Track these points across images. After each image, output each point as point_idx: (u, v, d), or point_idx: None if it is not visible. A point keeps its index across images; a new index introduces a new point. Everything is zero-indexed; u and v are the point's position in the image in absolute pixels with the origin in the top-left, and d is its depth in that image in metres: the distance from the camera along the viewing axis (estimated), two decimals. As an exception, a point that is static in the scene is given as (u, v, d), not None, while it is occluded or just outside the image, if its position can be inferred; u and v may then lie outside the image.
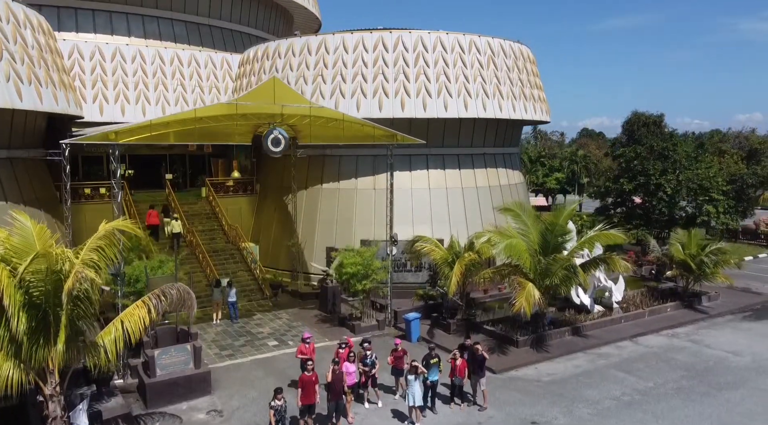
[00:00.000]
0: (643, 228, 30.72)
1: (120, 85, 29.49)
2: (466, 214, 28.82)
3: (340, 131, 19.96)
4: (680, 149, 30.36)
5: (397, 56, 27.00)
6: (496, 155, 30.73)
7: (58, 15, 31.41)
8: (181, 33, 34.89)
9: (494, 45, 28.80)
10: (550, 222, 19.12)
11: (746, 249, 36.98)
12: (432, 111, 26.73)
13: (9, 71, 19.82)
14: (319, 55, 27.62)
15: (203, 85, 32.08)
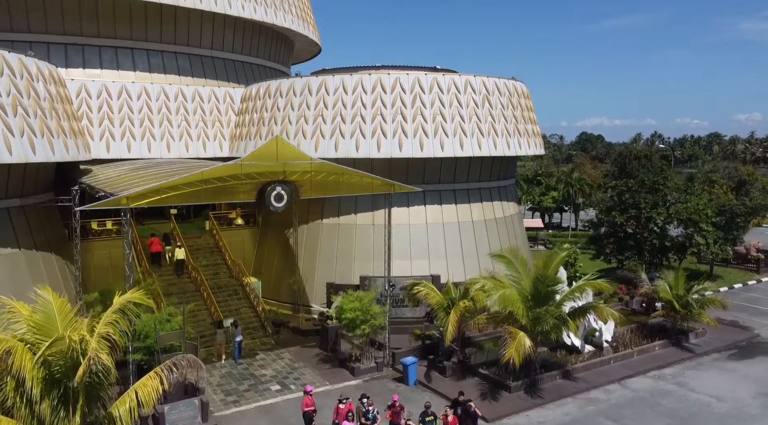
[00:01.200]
0: (635, 258, 31.59)
1: (126, 122, 30.38)
2: (463, 248, 29.66)
3: (341, 184, 20.82)
4: (670, 183, 31.25)
5: (395, 97, 27.88)
6: (492, 189, 31.58)
7: (66, 52, 32.25)
8: (184, 65, 35.71)
9: (489, 84, 29.68)
10: (541, 274, 19.95)
11: (737, 274, 37.86)
12: (429, 150, 27.60)
13: (23, 126, 20.69)
14: (319, 95, 28.51)
15: (206, 119, 32.98)
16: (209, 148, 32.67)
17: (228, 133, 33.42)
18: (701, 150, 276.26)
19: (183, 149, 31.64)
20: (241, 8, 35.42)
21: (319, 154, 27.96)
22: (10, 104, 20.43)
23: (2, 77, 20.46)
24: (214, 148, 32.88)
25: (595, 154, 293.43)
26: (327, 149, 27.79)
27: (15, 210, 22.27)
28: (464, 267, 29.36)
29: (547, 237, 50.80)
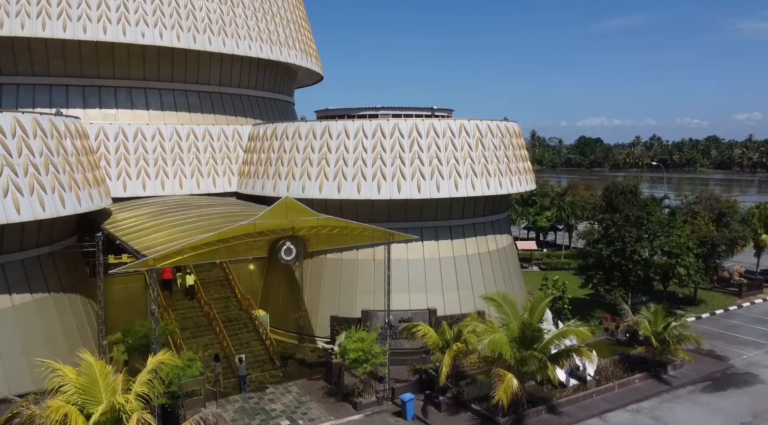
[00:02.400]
0: (620, 288, 33.51)
1: (141, 162, 32.33)
2: (458, 281, 31.58)
3: (345, 236, 22.74)
4: (654, 217, 33.18)
5: (394, 142, 29.82)
6: (485, 223, 33.51)
7: (83, 93, 34.23)
8: (194, 102, 37.65)
9: (482, 127, 31.61)
10: (527, 321, 21.85)
11: (720, 299, 39.76)
12: (426, 192, 29.54)
13: (54, 183, 22.64)
14: (323, 140, 30.44)
15: (216, 156, 34.91)
16: (219, 184, 34.59)
17: (236, 168, 35.33)
18: (699, 154, 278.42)
19: (194, 186, 33.58)
20: (248, 48, 37.37)
21: (323, 195, 29.99)
22: (42, 164, 22.37)
23: (35, 139, 22.39)
24: (224, 184, 34.80)
25: (593, 158, 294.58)
26: (330, 191, 29.72)
27: (45, 257, 24.21)
28: (459, 299, 31.31)
29: (542, 256, 52.70)
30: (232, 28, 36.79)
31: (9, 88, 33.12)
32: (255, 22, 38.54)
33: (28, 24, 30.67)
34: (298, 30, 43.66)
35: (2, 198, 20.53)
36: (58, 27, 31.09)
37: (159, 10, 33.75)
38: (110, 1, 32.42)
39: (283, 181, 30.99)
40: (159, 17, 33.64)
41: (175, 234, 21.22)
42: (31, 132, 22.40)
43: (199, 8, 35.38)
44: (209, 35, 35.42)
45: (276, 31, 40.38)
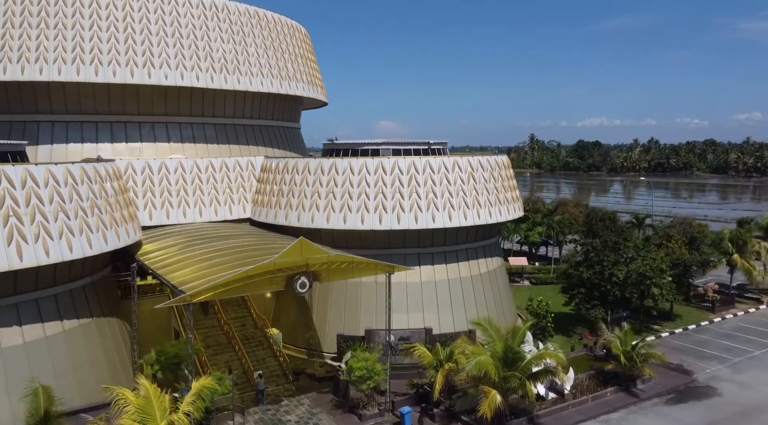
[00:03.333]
0: (600, 306, 36.87)
1: (165, 194, 35.69)
2: (452, 302, 34.94)
3: (351, 269, 26.10)
4: (630, 242, 36.56)
5: (394, 178, 33.19)
6: (477, 248, 36.85)
7: (111, 129, 37.66)
8: (210, 134, 41.07)
9: (473, 162, 34.97)
10: (509, 345, 25.20)
11: (694, 314, 43.12)
12: (422, 223, 32.90)
13: (98, 223, 26.02)
14: (330, 175, 33.80)
15: (232, 186, 38.27)
16: (234, 211, 37.95)
17: (250, 197, 38.68)
18: (695, 158, 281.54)
19: (213, 214, 36.94)
20: (260, 84, 40.80)
21: (330, 226, 33.36)
22: (89, 207, 25.75)
23: (83, 185, 25.77)
24: (239, 211, 38.15)
25: (592, 161, 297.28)
26: (337, 222, 33.09)
27: (88, 286, 27.59)
28: (453, 318, 34.67)
29: (533, 270, 56.04)
30: (246, 67, 40.19)
31: (45, 125, 36.59)
32: (266, 59, 41.94)
33: (65, 70, 34.11)
34: (305, 63, 47.05)
35: (58, 240, 23.89)
36: (90, 72, 34.50)
37: (180, 53, 37.14)
38: (137, 47, 35.83)
39: (294, 212, 34.35)
40: (180, 60, 37.03)
41: (204, 270, 24.61)
42: (80, 179, 25.76)
43: (216, 50, 38.79)
44: (225, 74, 38.82)
45: (285, 66, 43.77)
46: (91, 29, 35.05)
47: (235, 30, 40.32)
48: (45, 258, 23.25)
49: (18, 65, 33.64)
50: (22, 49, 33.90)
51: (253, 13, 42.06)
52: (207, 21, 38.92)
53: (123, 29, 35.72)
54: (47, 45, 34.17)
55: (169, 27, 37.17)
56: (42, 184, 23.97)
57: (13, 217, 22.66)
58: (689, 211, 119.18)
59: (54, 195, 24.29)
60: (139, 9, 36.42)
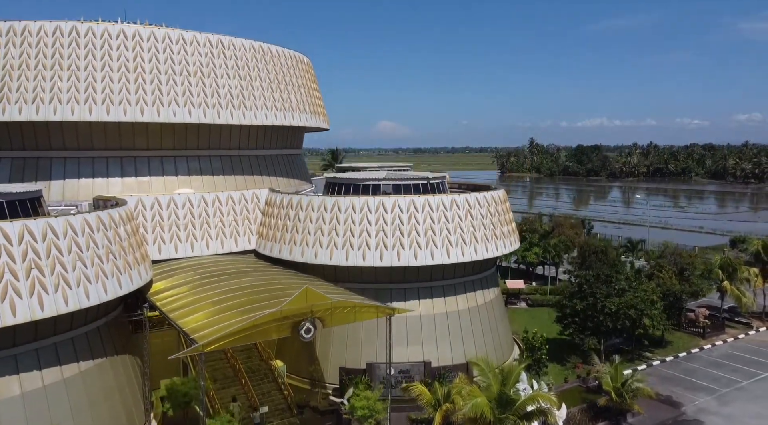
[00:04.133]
0: (592, 336, 38.20)
1: (174, 228, 37.02)
2: (450, 334, 36.27)
3: (354, 313, 27.42)
4: (621, 275, 37.90)
5: (394, 216, 34.53)
6: (474, 281, 38.17)
7: (121, 164, 38.97)
8: (217, 166, 42.37)
9: (470, 199, 36.31)
10: (503, 390, 26.51)
11: (685, 340, 44.44)
12: (421, 260, 34.24)
13: (113, 269, 27.33)
14: (332, 213, 35.12)
15: (238, 218, 39.61)
16: (240, 243, 39.28)
17: (255, 228, 40.01)
18: (694, 163, 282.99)
19: (219, 246, 38.28)
20: (264, 117, 42.09)
21: (332, 262, 34.68)
22: (104, 254, 27.06)
23: (98, 233, 27.07)
24: (244, 243, 39.47)
25: (591, 166, 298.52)
26: (339, 258, 34.41)
27: (102, 327, 28.90)
28: (451, 350, 36.00)
29: (530, 291, 57.36)
30: (251, 101, 41.49)
31: (58, 161, 37.92)
32: (270, 93, 43.24)
33: (77, 110, 35.40)
34: (308, 92, 48.36)
35: (76, 288, 25.19)
36: (102, 111, 35.79)
37: (188, 90, 38.44)
38: (147, 86, 37.12)
39: (297, 247, 35.68)
40: (188, 97, 38.33)
41: (214, 315, 25.95)
42: (95, 227, 27.06)
43: (222, 86, 40.10)
44: (231, 109, 40.11)
45: (288, 98, 45.07)
46: (102, 70, 36.33)
47: (240, 66, 41.61)
48: (64, 307, 24.55)
49: (33, 106, 34.93)
50: (37, 90, 35.19)
51: (258, 48, 43.36)
52: (214, 58, 40.21)
53: (133, 69, 36.99)
54: (61, 86, 35.45)
55: (177, 65, 38.44)
56: (61, 235, 25.26)
57: (35, 269, 23.96)
58: (685, 221, 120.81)
59: (72, 245, 25.59)
60: (148, 50, 37.71)
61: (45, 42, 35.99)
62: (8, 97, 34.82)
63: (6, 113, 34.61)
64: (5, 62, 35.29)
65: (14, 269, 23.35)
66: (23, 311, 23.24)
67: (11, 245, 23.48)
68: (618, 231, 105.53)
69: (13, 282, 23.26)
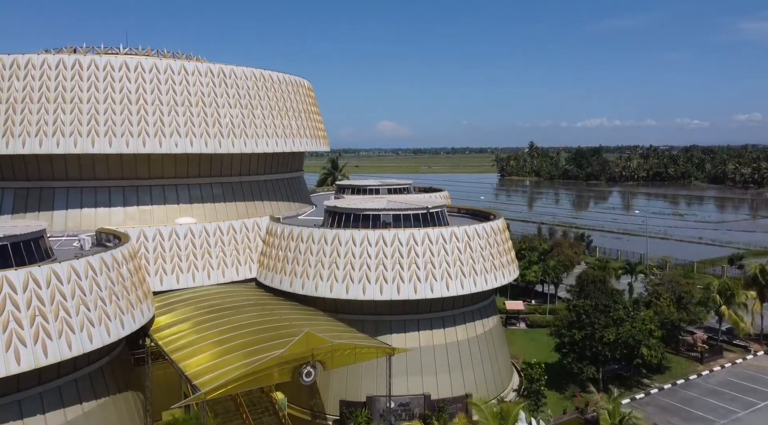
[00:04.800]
0: (591, 365, 38.52)
1: (175, 259, 37.31)
2: (450, 365, 36.56)
3: (354, 355, 27.75)
4: (619, 305, 38.21)
5: (394, 250, 34.83)
6: (473, 311, 38.47)
7: (123, 193, 39.30)
8: (218, 193, 42.68)
9: (470, 231, 36.61)
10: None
11: (683, 365, 44.70)
12: (421, 293, 34.56)
13: (116, 310, 27.63)
14: (333, 245, 35.43)
15: (239, 247, 39.91)
16: (241, 272, 39.59)
17: (256, 257, 40.31)
18: (694, 167, 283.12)
19: (220, 276, 38.59)
20: (265, 145, 42.41)
21: (333, 295, 34.99)
22: (107, 296, 27.37)
23: (102, 275, 27.37)
24: (245, 272, 39.79)
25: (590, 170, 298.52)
26: (339, 291, 34.72)
27: (105, 366, 29.20)
28: (451, 381, 36.29)
29: (530, 310, 57.66)
30: (252, 129, 41.78)
31: (60, 191, 38.31)
32: (271, 120, 43.54)
33: (80, 142, 35.74)
34: (308, 117, 48.65)
35: (79, 333, 25.47)
36: (104, 144, 36.12)
37: (190, 121, 38.75)
38: (149, 117, 37.44)
39: (298, 280, 35.98)
40: (190, 127, 38.64)
41: (217, 357, 26.30)
42: (98, 269, 27.36)
43: (223, 115, 40.41)
44: (232, 138, 40.40)
45: (289, 124, 45.37)
46: (105, 102, 36.65)
47: (241, 94, 41.91)
48: (68, 352, 24.85)
49: (36, 139, 35.26)
50: (40, 123, 35.52)
51: (259, 76, 43.67)
52: (215, 88, 40.51)
53: (135, 101, 37.30)
54: (64, 119, 35.79)
55: (179, 96, 38.76)
56: (65, 280, 25.56)
57: (39, 317, 24.25)
58: (684, 231, 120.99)
59: (76, 289, 25.88)
60: (150, 81, 38.03)
61: (48, 75, 36.33)
62: (12, 131, 35.18)
63: (10, 146, 34.98)
64: (9, 95, 35.64)
65: (19, 318, 23.65)
66: (27, 359, 23.52)
67: (16, 294, 23.78)
68: (617, 242, 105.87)
69: (17, 330, 23.56)
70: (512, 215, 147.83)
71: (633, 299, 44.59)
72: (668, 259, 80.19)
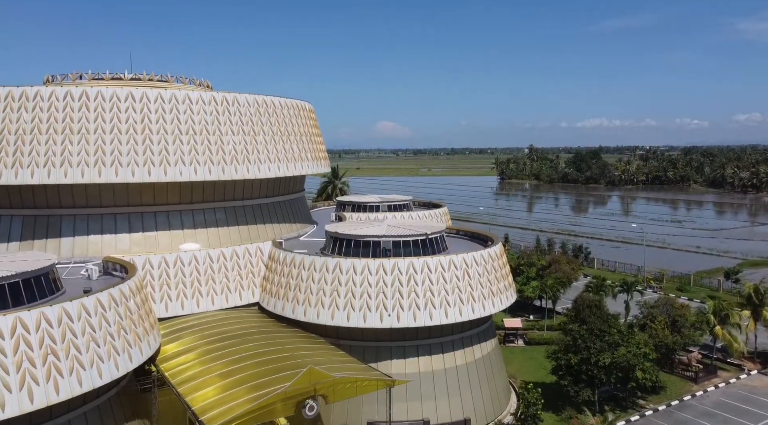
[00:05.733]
0: (586, 388, 39.40)
1: (180, 286, 38.17)
2: (448, 390, 37.44)
3: (356, 388, 28.62)
4: (614, 329, 39.13)
5: (394, 278, 35.70)
6: (472, 336, 39.33)
7: (129, 220, 40.14)
8: (221, 217, 43.52)
9: (468, 259, 37.48)
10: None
11: (678, 385, 45.54)
12: (420, 321, 35.43)
13: (124, 344, 28.46)
14: (334, 274, 36.29)
15: (242, 272, 40.78)
16: (244, 297, 40.46)
17: (258, 281, 41.17)
18: (693, 171, 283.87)
19: (224, 301, 39.45)
20: (267, 170, 43.28)
21: (334, 323, 35.84)
22: (115, 331, 28.22)
23: (110, 311, 28.21)
24: (248, 296, 40.65)
25: (590, 174, 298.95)
26: (341, 319, 35.58)
27: (114, 397, 30.05)
28: (449, 405, 37.18)
29: (527, 326, 58.53)
30: (254, 155, 42.62)
31: (68, 219, 39.17)
32: (273, 145, 44.38)
33: (87, 172, 36.59)
34: (309, 140, 49.49)
35: (89, 369, 26.32)
36: (110, 173, 36.97)
37: (194, 149, 39.59)
38: (154, 147, 38.28)
39: (300, 307, 36.85)
40: (194, 156, 39.48)
41: (223, 392, 27.19)
42: (107, 305, 28.20)
43: (227, 143, 41.23)
44: (235, 165, 41.23)
45: (291, 148, 46.21)
46: (111, 132, 37.48)
47: (244, 121, 42.74)
48: (78, 389, 25.68)
49: (45, 169, 36.10)
50: (48, 153, 36.36)
51: (261, 102, 44.50)
52: (219, 116, 41.35)
53: (141, 131, 38.13)
54: (71, 149, 36.63)
55: (183, 125, 39.59)
56: (75, 318, 26.40)
57: (51, 355, 25.09)
58: (682, 239, 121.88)
59: (86, 326, 26.72)
60: (155, 111, 38.86)
61: (56, 106, 37.15)
62: (21, 161, 36.03)
63: (19, 176, 35.84)
64: (18, 127, 36.48)
65: (32, 357, 24.48)
66: (40, 398, 24.35)
67: (29, 334, 24.62)
68: (616, 251, 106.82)
69: (30, 369, 24.38)
70: (511, 221, 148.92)
71: (628, 322, 45.50)
72: (665, 271, 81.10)
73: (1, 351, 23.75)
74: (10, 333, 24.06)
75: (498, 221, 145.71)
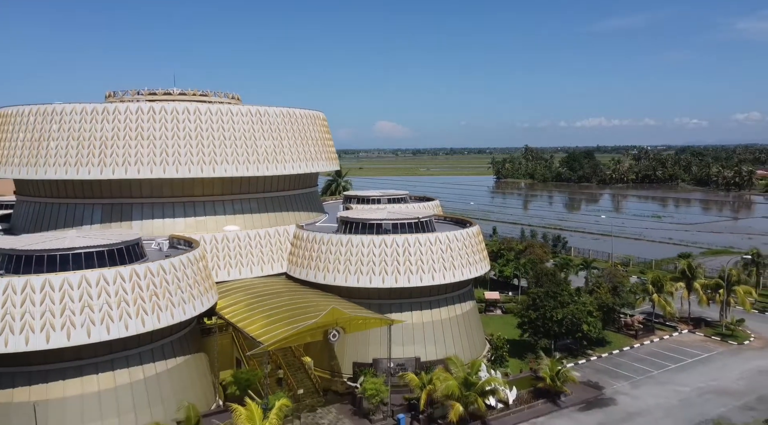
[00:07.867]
0: (544, 338, 50.29)
1: (227, 257, 49.07)
2: (435, 337, 48.32)
3: (366, 323, 39.48)
4: (565, 292, 50.03)
5: (392, 250, 46.58)
6: (454, 296, 50.24)
7: (184, 208, 51.01)
8: (254, 206, 54.42)
9: (450, 236, 48.41)
10: (468, 375, 38.48)
11: (622, 340, 56.47)
12: (413, 282, 46.34)
13: (198, 292, 39.35)
14: (347, 247, 47.21)
15: (273, 249, 51.67)
16: (275, 268, 51.36)
17: (285, 256, 52.07)
18: (681, 170, 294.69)
19: (259, 271, 50.35)
20: (291, 168, 54.19)
21: (348, 284, 46.74)
22: (192, 283, 39.06)
23: (188, 268, 39.07)
24: (278, 268, 51.55)
25: (582, 173, 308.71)
26: (351, 281, 46.48)
27: (187, 333, 40.91)
28: (436, 349, 48.05)
29: (505, 300, 69.44)
30: (281, 156, 53.53)
31: (137, 206, 50.04)
32: (295, 147, 55.30)
33: (155, 170, 47.47)
34: (323, 143, 60.39)
35: (180, 305, 37.20)
36: (171, 170, 47.81)
37: (235, 151, 50.49)
38: (205, 149, 49.12)
39: (320, 273, 47.76)
40: (236, 156, 50.38)
41: (267, 326, 38.02)
42: (186, 264, 39.09)
43: (260, 146, 52.15)
44: (266, 164, 52.14)
45: (308, 150, 57.13)
46: (172, 138, 48.36)
47: (273, 129, 53.64)
48: (171, 319, 36.59)
49: (122, 168, 46.94)
50: (124, 155, 47.22)
51: (285, 113, 55.40)
52: (253, 125, 52.27)
53: (195, 137, 49.02)
54: (142, 152, 47.49)
55: (226, 132, 50.47)
56: (169, 270, 37.30)
57: (155, 294, 35.98)
58: (658, 232, 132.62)
59: (175, 276, 37.66)
60: (206, 121, 49.74)
61: (130, 119, 48.03)
62: (104, 162, 46.92)
63: (103, 173, 46.69)
64: (102, 135, 47.37)
65: (126, 298, 35.18)
66: (133, 327, 34.85)
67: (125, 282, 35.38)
68: (595, 242, 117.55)
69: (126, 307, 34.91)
70: (504, 217, 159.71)
71: (576, 287, 56.46)
72: (631, 258, 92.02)
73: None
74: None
75: (490, 217, 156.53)
